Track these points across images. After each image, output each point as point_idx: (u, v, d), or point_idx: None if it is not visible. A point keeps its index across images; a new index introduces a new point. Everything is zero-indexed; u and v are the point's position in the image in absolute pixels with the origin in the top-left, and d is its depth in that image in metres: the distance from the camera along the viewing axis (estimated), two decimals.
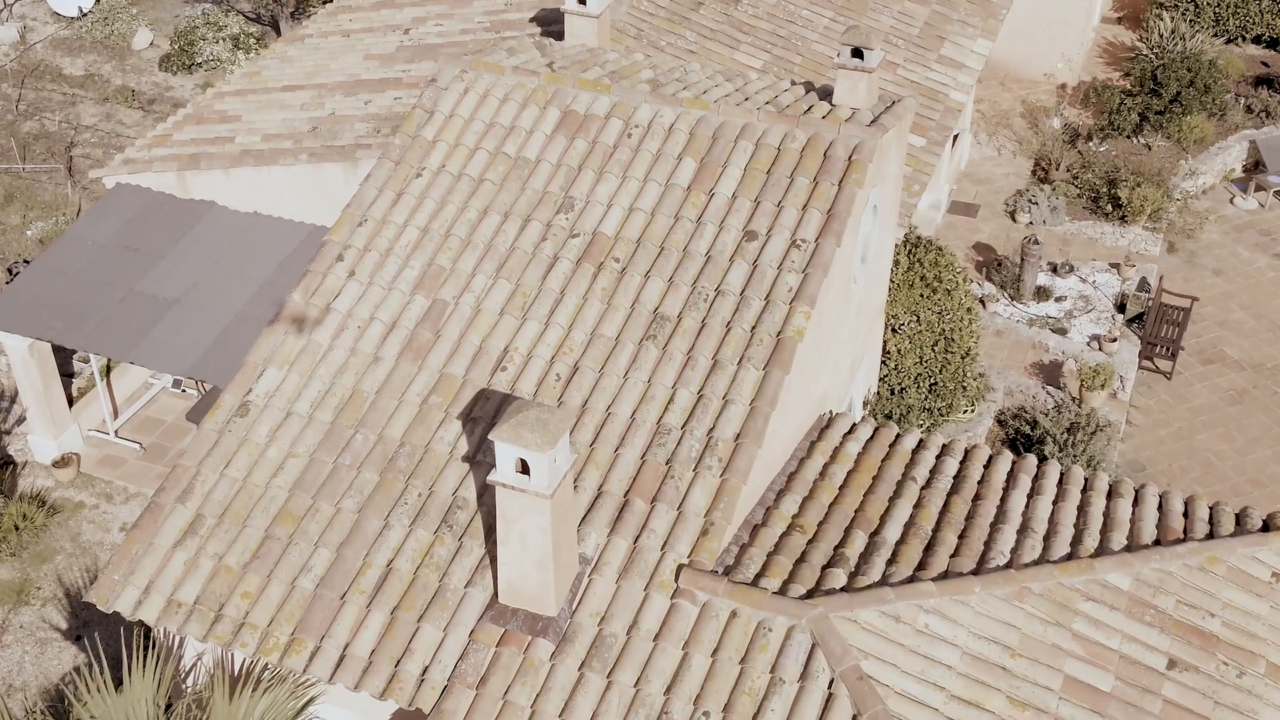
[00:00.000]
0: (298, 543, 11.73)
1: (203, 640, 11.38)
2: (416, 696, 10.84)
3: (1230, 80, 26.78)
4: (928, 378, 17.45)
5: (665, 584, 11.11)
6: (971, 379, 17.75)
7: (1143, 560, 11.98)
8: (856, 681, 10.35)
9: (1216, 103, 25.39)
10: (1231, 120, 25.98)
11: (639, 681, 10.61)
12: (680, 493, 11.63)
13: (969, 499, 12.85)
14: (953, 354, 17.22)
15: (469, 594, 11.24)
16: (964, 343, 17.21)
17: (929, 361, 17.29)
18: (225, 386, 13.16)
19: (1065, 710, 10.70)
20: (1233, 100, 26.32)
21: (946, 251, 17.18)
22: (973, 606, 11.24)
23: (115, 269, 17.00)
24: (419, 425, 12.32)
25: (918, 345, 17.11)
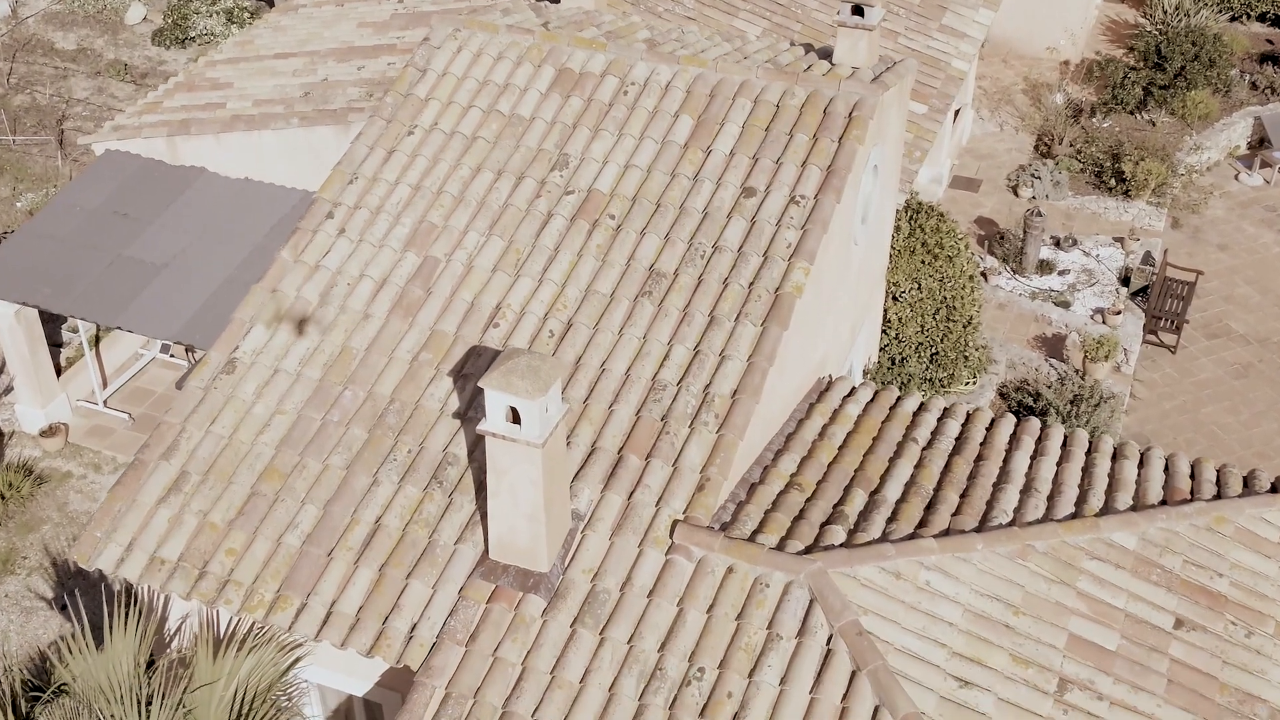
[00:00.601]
0: (284, 499, 11.46)
1: (186, 598, 11.11)
2: (404, 653, 10.57)
3: (1235, 57, 26.50)
4: (929, 347, 17.18)
5: (660, 540, 10.84)
6: (973, 349, 17.48)
7: (1149, 520, 11.71)
8: (856, 637, 10.07)
9: (1221, 78, 25.11)
10: (1236, 97, 25.70)
11: (633, 638, 10.34)
12: (676, 449, 11.36)
13: (971, 460, 12.58)
14: (954, 323, 16.95)
15: (459, 550, 10.98)
16: (966, 311, 16.94)
17: (930, 330, 17.01)
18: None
19: (1070, 668, 10.43)
20: (1238, 77, 26.04)
21: (948, 218, 16.89)
22: (975, 564, 10.97)
23: (103, 234, 16.74)
24: (409, 382, 12.05)
25: (919, 313, 16.83)
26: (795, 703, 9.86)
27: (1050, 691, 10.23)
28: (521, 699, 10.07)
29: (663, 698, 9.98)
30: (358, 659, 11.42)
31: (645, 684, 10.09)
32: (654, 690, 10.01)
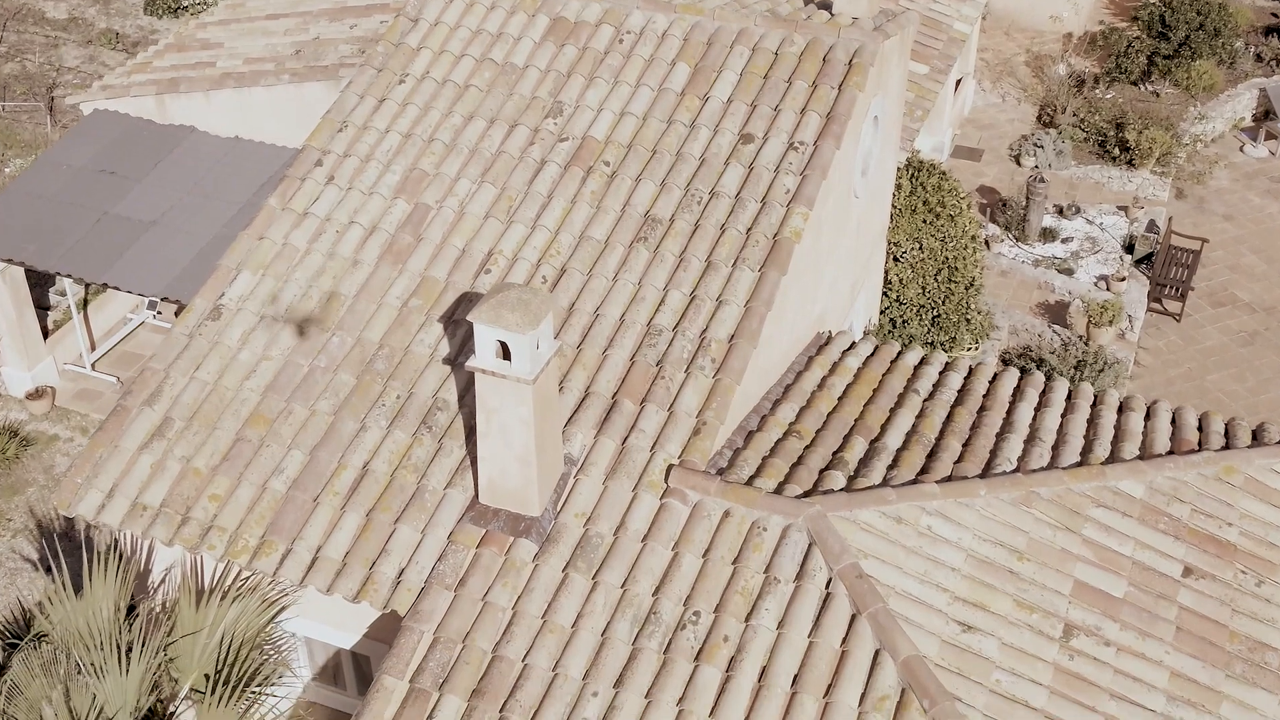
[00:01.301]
0: (269, 445, 11.17)
1: (169, 544, 10.82)
2: (392, 598, 10.29)
3: (1240, 29, 26.18)
4: (930, 310, 16.89)
5: (655, 484, 10.56)
6: (975, 312, 17.17)
7: (1156, 469, 11.42)
8: (856, 580, 9.79)
9: (1226, 48, 24.81)
10: (1241, 68, 25.40)
11: (626, 582, 10.06)
12: (671, 393, 11.08)
13: (974, 411, 12.29)
14: (956, 284, 16.66)
15: (448, 495, 10.69)
16: (968, 272, 16.65)
17: (931, 292, 16.72)
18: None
19: (1076, 614, 10.14)
20: (1243, 49, 25.73)
21: (950, 177, 16.59)
22: (978, 510, 10.68)
23: (91, 192, 16.44)
24: (398, 328, 11.77)
25: (920, 274, 16.54)
26: (793, 646, 9.57)
27: (1056, 637, 9.95)
28: (512, 643, 9.79)
29: (657, 641, 9.70)
30: (345, 610, 11.15)
31: (639, 628, 9.81)
32: (648, 634, 9.72)
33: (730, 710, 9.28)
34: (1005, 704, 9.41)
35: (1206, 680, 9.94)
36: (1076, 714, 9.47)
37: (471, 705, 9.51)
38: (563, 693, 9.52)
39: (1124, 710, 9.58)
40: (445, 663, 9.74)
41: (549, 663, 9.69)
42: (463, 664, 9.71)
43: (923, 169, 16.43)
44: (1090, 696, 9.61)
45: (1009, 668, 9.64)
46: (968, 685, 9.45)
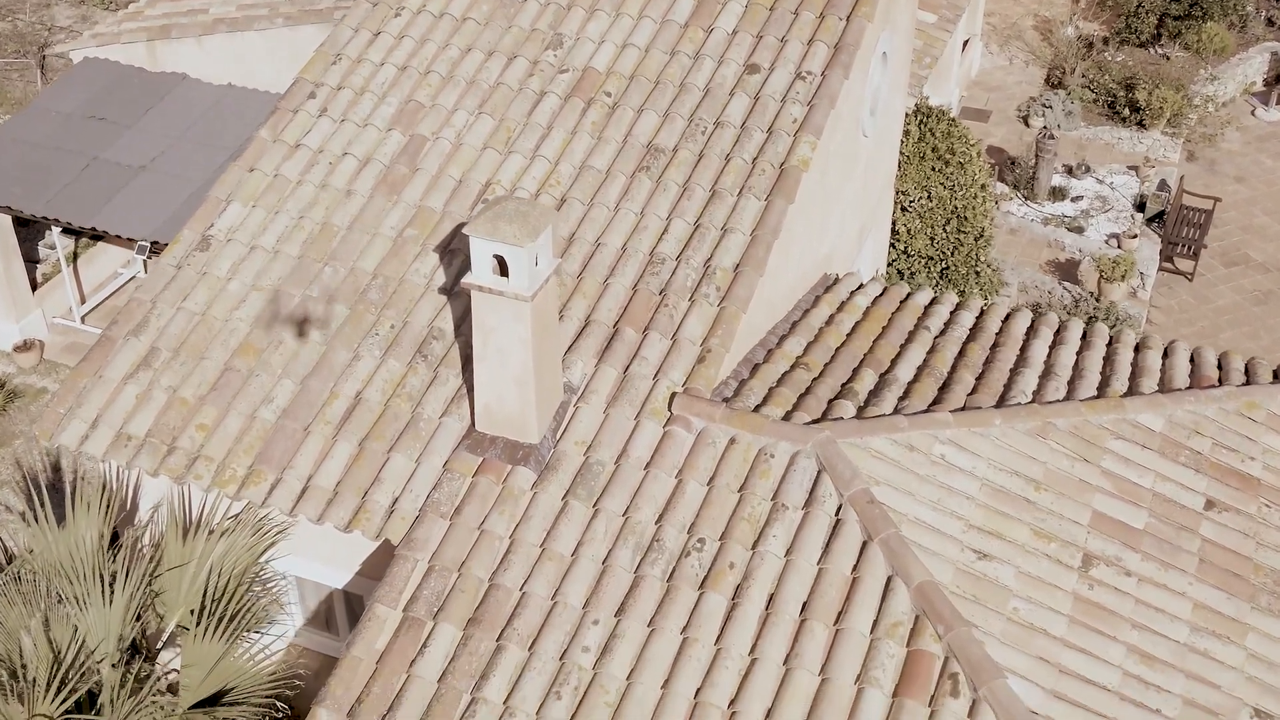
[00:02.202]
0: (259, 374, 10.80)
1: (154, 474, 10.45)
2: (385, 527, 9.91)
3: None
4: (939, 261, 16.51)
5: (658, 411, 10.18)
6: (985, 265, 16.79)
7: (1176, 402, 11.05)
8: (867, 505, 9.41)
9: (1237, 10, 24.42)
10: (1252, 32, 25.06)
11: (628, 510, 9.68)
12: (675, 322, 10.70)
13: (987, 347, 11.91)
14: (966, 234, 16.27)
15: (444, 424, 10.31)
16: (977, 222, 16.26)
17: (940, 243, 16.34)
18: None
19: (1095, 544, 9.77)
20: (1254, 12, 25.35)
21: (959, 124, 16.20)
22: (993, 439, 10.30)
23: (79, 138, 16.07)
24: (393, 258, 11.39)
25: (928, 224, 16.16)
26: (802, 573, 9.20)
27: (1075, 566, 9.57)
28: (509, 571, 9.41)
29: (660, 569, 9.32)
30: (337, 547, 10.76)
31: (642, 556, 9.43)
32: (651, 562, 9.35)
33: (737, 637, 8.91)
34: (1023, 631, 9.03)
35: (1231, 612, 9.57)
36: (1097, 643, 9.10)
37: (468, 634, 9.14)
38: (562, 621, 9.15)
39: (1146, 640, 9.21)
40: (440, 591, 9.37)
41: (548, 591, 9.32)
42: (458, 592, 9.33)
43: (931, 115, 16.05)
44: (1111, 626, 9.23)
45: (1027, 596, 9.27)
46: (984, 612, 9.08)
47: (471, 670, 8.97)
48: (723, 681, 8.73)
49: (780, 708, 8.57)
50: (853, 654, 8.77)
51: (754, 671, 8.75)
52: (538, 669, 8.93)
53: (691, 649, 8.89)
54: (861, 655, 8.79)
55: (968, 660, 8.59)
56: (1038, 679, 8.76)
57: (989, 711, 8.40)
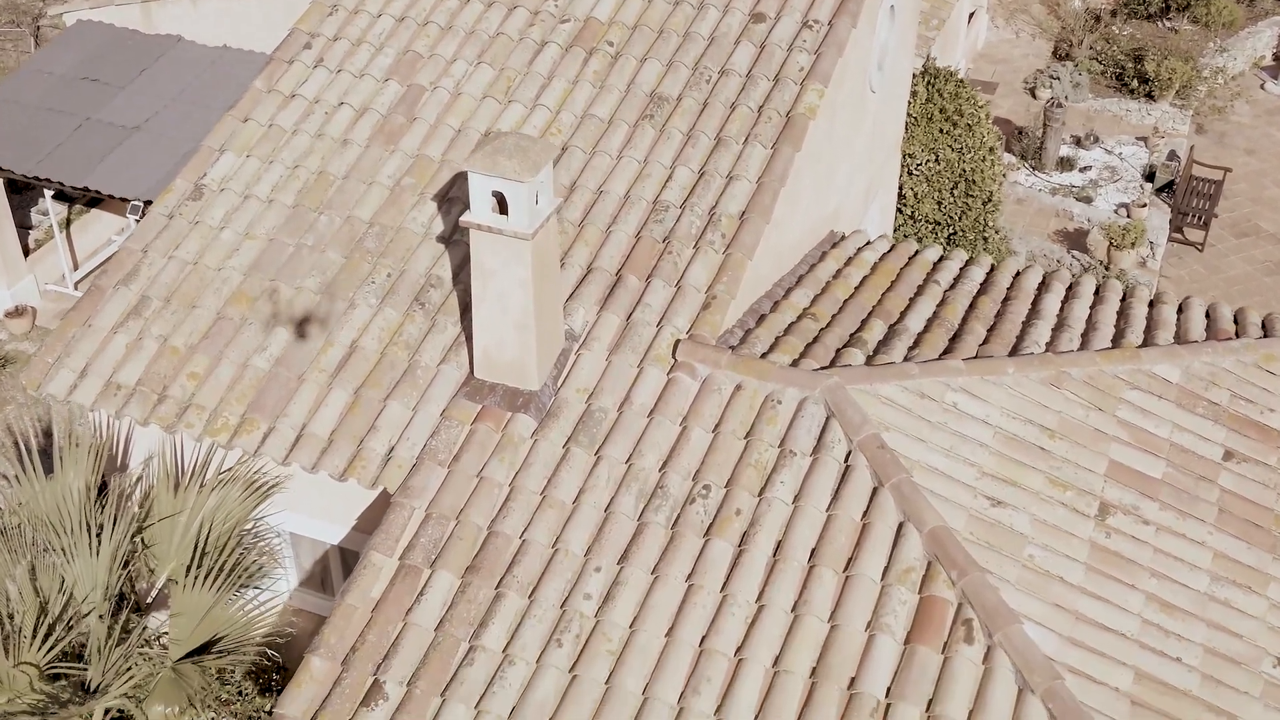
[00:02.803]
0: (252, 323, 10.52)
1: (144, 423, 10.17)
2: (381, 475, 9.64)
3: None
4: (946, 226, 16.22)
5: (661, 358, 9.90)
6: (993, 230, 16.50)
7: (1193, 354, 10.76)
8: (877, 451, 9.13)
9: None
10: (1261, 6, 24.75)
11: (631, 457, 9.40)
12: (679, 269, 10.42)
13: (998, 300, 11.63)
14: (974, 198, 15.99)
15: (442, 371, 10.03)
16: (986, 186, 15.98)
17: (948, 207, 16.05)
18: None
19: (1112, 493, 9.49)
20: None
21: (968, 85, 15.91)
22: (1006, 387, 10.03)
23: (72, 99, 15.79)
24: (390, 207, 11.11)
25: (936, 188, 15.88)
26: (811, 519, 8.92)
27: (1091, 515, 9.29)
28: (509, 519, 9.14)
29: (664, 516, 9.04)
30: (333, 501, 10.48)
31: (645, 503, 9.15)
32: (655, 509, 9.07)
33: (743, 584, 8.63)
34: (1039, 578, 8.76)
35: (1252, 562, 9.29)
36: (1116, 591, 8.82)
37: (466, 581, 8.86)
38: (563, 569, 8.87)
39: (1165, 589, 8.93)
40: (438, 539, 9.09)
41: (549, 538, 9.04)
42: (456, 540, 9.05)
43: (939, 76, 15.75)
44: (1129, 574, 8.96)
45: (1043, 543, 8.99)
46: (999, 559, 8.80)
47: (470, 618, 8.70)
48: (729, 629, 8.45)
49: (788, 655, 8.30)
50: (863, 600, 8.50)
51: (761, 618, 8.48)
52: (538, 616, 8.65)
53: (696, 596, 8.62)
54: (872, 602, 8.51)
55: (982, 606, 8.31)
56: (1054, 626, 8.49)
57: (1004, 658, 8.13)
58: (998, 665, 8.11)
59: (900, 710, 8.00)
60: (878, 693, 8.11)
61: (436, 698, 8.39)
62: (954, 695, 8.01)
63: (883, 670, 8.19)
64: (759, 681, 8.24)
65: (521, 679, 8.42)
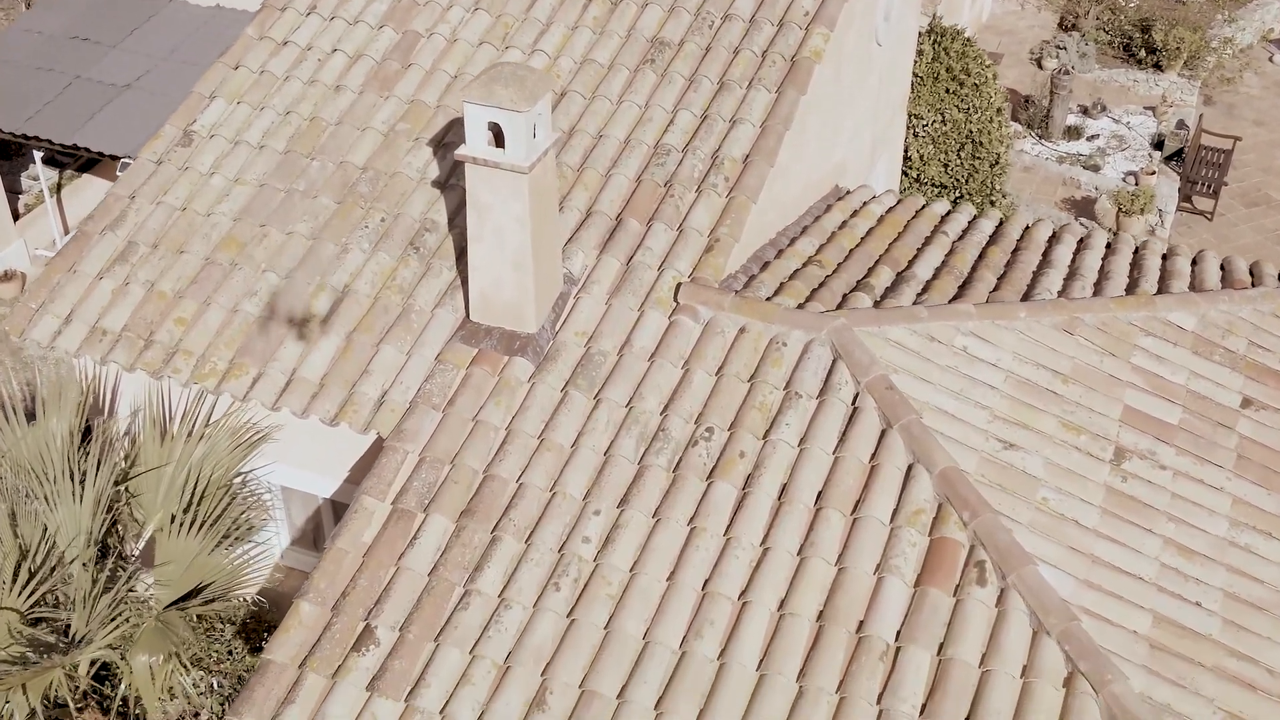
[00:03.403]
0: (242, 267, 10.24)
1: (130, 369, 9.89)
2: (374, 419, 9.35)
3: None
4: (953, 190, 15.92)
5: (663, 301, 9.61)
6: (1000, 194, 16.20)
7: (1210, 302, 10.47)
8: (885, 392, 8.83)
9: None
10: None
11: (632, 400, 9.11)
12: (681, 212, 10.13)
13: (1009, 250, 11.34)
14: (981, 160, 15.68)
15: (437, 315, 9.75)
16: (993, 148, 15.68)
17: (954, 170, 15.76)
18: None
19: (1127, 438, 9.19)
20: None
21: (974, 43, 15.60)
22: (1018, 332, 9.73)
23: (62, 59, 15.50)
24: (384, 152, 10.82)
25: (942, 150, 15.58)
26: (817, 461, 8.62)
27: (1106, 459, 9.00)
28: (505, 462, 8.84)
29: (666, 459, 8.75)
30: (325, 453, 10.21)
31: (646, 446, 8.86)
32: (656, 451, 8.77)
33: (747, 527, 8.34)
34: (1053, 521, 8.46)
35: (1273, 508, 8.99)
36: (1132, 535, 8.52)
37: (460, 525, 8.57)
38: (561, 512, 8.58)
39: (1184, 533, 8.63)
40: (431, 483, 8.79)
41: (546, 482, 8.75)
42: (451, 484, 8.76)
43: (945, 34, 15.45)
44: (1146, 518, 8.66)
45: (1056, 486, 8.70)
46: (1011, 500, 8.51)
47: (465, 562, 8.41)
48: (732, 571, 8.16)
49: (794, 598, 8.00)
50: (871, 543, 8.20)
51: (766, 561, 8.19)
52: (535, 560, 8.36)
53: (699, 539, 8.32)
54: (881, 544, 8.22)
55: (995, 547, 8.02)
56: (1069, 568, 8.19)
57: (1018, 599, 7.84)
58: (1011, 608, 7.82)
59: (910, 653, 7.71)
60: (887, 636, 7.82)
61: (430, 643, 8.11)
62: (966, 638, 7.72)
63: (892, 613, 7.90)
64: (764, 625, 7.95)
65: (518, 623, 8.13)
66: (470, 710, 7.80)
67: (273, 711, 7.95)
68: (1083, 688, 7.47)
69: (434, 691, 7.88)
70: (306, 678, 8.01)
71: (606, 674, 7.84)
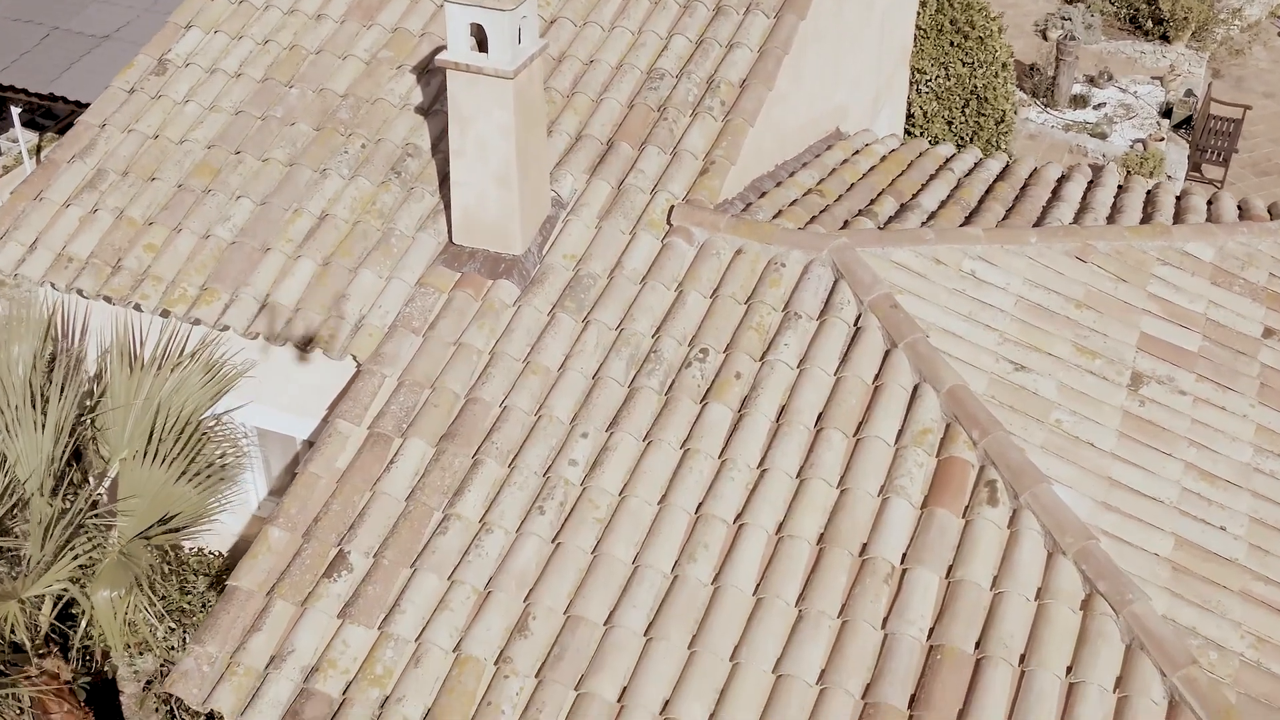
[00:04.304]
0: (215, 193, 9.78)
1: (96, 296, 9.43)
2: (351, 343, 8.87)
3: None
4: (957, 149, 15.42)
5: (655, 223, 9.15)
6: (1006, 153, 15.72)
7: (1228, 233, 10.01)
8: (890, 310, 8.36)
9: None
10: None
11: (623, 322, 8.64)
12: (675, 136, 9.68)
13: (1017, 186, 10.88)
14: (986, 117, 15.24)
15: (419, 239, 9.28)
16: (999, 105, 15.23)
17: (959, 127, 15.30)
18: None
19: (1145, 364, 8.72)
20: None
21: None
22: (1028, 257, 9.26)
23: (38, 10, 15.06)
24: (366, 79, 10.37)
25: (946, 106, 15.13)
26: (818, 382, 8.15)
27: (1123, 383, 8.52)
28: (488, 385, 8.37)
29: (658, 381, 8.28)
30: (303, 392, 9.71)
31: (637, 369, 8.39)
32: (647, 374, 8.30)
33: (744, 449, 7.86)
34: (1068, 443, 7.99)
35: None
36: (1152, 459, 8.05)
37: (440, 449, 8.09)
38: (547, 435, 8.10)
39: (1206, 458, 8.15)
40: (410, 407, 8.32)
41: (532, 405, 8.28)
42: (431, 407, 8.29)
43: None
44: (1166, 443, 8.18)
45: (1071, 409, 8.22)
46: (1024, 421, 8.04)
47: (444, 487, 7.93)
48: (727, 493, 7.68)
49: (794, 520, 7.53)
50: (875, 463, 7.73)
51: (763, 483, 7.71)
52: (519, 484, 7.89)
53: (692, 461, 7.85)
54: (885, 465, 7.75)
55: (1007, 465, 7.54)
56: (1086, 490, 7.71)
57: (1031, 519, 7.35)
58: (1024, 528, 7.34)
59: (917, 575, 7.23)
60: (892, 558, 7.34)
61: (406, 568, 7.63)
62: (976, 559, 7.24)
63: (897, 535, 7.42)
64: (760, 547, 7.47)
65: (500, 548, 7.66)
66: (447, 636, 7.33)
67: (238, 640, 7.47)
68: (1101, 609, 6.99)
69: (409, 618, 7.41)
70: (274, 604, 7.54)
71: (593, 598, 7.36)
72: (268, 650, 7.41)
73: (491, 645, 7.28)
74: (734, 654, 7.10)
